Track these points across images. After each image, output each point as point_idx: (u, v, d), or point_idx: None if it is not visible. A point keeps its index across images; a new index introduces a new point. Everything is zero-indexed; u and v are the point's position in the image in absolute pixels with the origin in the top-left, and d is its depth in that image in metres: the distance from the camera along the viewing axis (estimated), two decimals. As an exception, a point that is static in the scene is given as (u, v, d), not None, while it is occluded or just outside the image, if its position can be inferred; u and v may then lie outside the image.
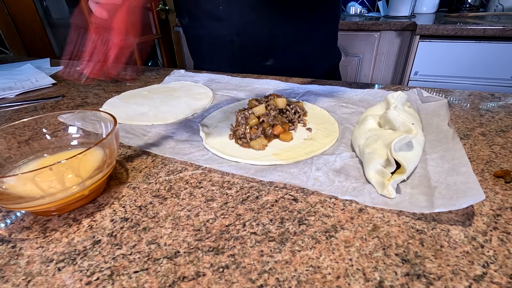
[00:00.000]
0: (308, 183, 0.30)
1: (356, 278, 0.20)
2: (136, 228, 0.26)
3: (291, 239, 0.24)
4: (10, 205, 0.25)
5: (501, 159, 0.33)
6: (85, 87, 0.67)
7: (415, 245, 0.23)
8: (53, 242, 0.25)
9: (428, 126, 0.39)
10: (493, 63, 1.23)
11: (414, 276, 0.20)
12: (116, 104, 0.54)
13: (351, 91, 0.54)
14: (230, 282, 0.21)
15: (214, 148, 0.37)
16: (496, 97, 0.50)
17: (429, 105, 0.45)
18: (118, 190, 0.31)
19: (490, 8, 1.52)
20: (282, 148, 0.37)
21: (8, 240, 0.25)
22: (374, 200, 0.27)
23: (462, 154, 0.31)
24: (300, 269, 0.21)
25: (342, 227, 0.25)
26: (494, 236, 0.23)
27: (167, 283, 0.21)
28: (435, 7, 1.61)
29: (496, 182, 0.29)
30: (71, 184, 0.25)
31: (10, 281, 0.21)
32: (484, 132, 0.39)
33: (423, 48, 1.31)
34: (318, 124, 0.42)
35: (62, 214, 0.28)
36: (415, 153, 0.31)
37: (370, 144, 0.32)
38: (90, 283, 0.21)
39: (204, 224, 0.26)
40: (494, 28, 1.15)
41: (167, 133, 0.42)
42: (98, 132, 0.33)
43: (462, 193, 0.25)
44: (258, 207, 0.27)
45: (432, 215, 0.25)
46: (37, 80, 0.73)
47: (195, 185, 0.31)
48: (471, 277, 0.20)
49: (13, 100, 0.61)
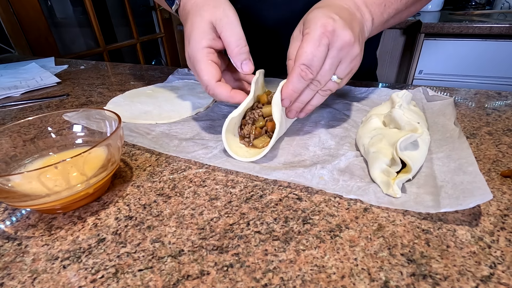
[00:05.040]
0: (312, 182, 0.29)
1: (361, 278, 0.20)
2: (140, 227, 0.26)
3: (296, 238, 0.24)
4: (16, 203, 0.25)
5: (508, 158, 0.32)
6: (89, 86, 0.67)
7: (421, 245, 0.22)
8: (58, 240, 0.25)
9: (434, 125, 0.39)
10: (500, 61, 1.22)
11: (420, 276, 0.20)
12: (120, 103, 0.54)
13: (355, 90, 0.53)
14: (235, 281, 0.20)
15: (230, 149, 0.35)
16: (503, 95, 0.49)
17: (434, 104, 0.44)
18: (123, 189, 0.31)
19: (496, 6, 1.51)
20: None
21: (14, 237, 0.26)
22: (379, 200, 0.27)
23: (468, 153, 0.30)
24: (304, 269, 0.21)
25: (347, 226, 0.25)
26: (501, 236, 0.23)
27: (171, 281, 0.21)
28: (440, 5, 1.59)
29: (503, 181, 0.29)
30: (76, 182, 0.25)
31: (16, 278, 0.22)
32: (491, 131, 0.38)
33: (428, 46, 1.29)
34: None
35: (67, 212, 0.28)
36: (421, 152, 0.30)
37: (375, 143, 0.32)
38: (95, 280, 0.21)
39: (208, 223, 0.26)
40: (501, 26, 1.13)
41: (171, 132, 0.42)
42: (103, 130, 0.33)
43: (469, 193, 0.25)
44: (262, 206, 0.27)
45: (438, 215, 0.25)
46: (42, 79, 0.74)
47: (199, 184, 0.31)
48: (478, 277, 0.20)
49: (18, 99, 0.62)
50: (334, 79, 0.34)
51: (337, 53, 0.32)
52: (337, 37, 0.31)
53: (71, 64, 0.91)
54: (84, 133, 0.35)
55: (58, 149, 0.34)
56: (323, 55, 0.31)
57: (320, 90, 0.35)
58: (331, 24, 0.30)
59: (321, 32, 0.30)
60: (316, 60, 0.31)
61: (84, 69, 0.84)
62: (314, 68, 0.31)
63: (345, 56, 0.32)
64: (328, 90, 0.35)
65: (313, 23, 0.31)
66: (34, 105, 0.58)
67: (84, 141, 0.35)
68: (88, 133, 0.35)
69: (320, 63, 0.31)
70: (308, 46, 0.31)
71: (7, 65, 0.92)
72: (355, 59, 0.33)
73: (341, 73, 0.34)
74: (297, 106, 0.36)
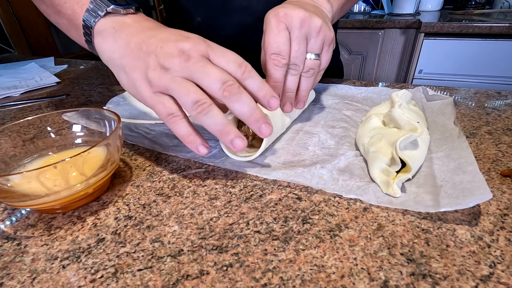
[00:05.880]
0: (312, 182, 0.29)
1: (361, 278, 0.20)
2: (140, 226, 0.26)
3: (295, 238, 0.24)
4: (15, 203, 0.25)
5: (508, 158, 0.32)
6: (89, 86, 0.67)
7: (420, 244, 0.22)
8: (58, 240, 0.25)
9: (434, 124, 0.39)
10: (499, 61, 1.22)
11: (420, 276, 0.20)
12: (120, 103, 0.54)
13: (355, 89, 0.53)
14: (234, 281, 0.20)
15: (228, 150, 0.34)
16: (502, 95, 0.49)
17: (434, 103, 0.44)
18: (122, 188, 0.31)
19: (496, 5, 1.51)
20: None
21: (13, 237, 0.26)
22: (379, 199, 0.27)
23: (468, 152, 0.30)
24: (304, 268, 0.21)
25: (347, 226, 0.25)
26: (501, 236, 0.23)
27: (171, 281, 0.21)
28: (440, 4, 1.59)
29: (503, 181, 0.29)
30: (75, 182, 0.25)
31: (16, 278, 0.22)
32: (491, 130, 0.38)
33: (428, 46, 1.30)
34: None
35: (66, 212, 0.28)
36: (421, 151, 0.30)
37: (374, 143, 0.32)
38: (94, 280, 0.21)
39: (208, 223, 0.26)
40: (500, 26, 1.13)
41: (171, 132, 0.42)
42: (102, 130, 0.33)
43: (468, 192, 0.25)
44: (262, 206, 0.27)
45: (438, 215, 0.25)
46: (41, 78, 0.74)
47: (199, 184, 0.31)
48: (477, 277, 0.20)
49: (18, 99, 0.62)
50: (311, 58, 0.34)
51: (299, 31, 0.32)
52: (291, 17, 0.32)
53: (70, 64, 0.91)
54: (84, 133, 0.35)
55: (58, 149, 0.34)
56: (285, 39, 0.32)
57: (303, 73, 0.35)
58: (281, 10, 0.33)
59: (275, 20, 0.32)
60: (281, 45, 0.32)
61: (83, 69, 0.84)
62: (284, 52, 0.32)
63: (309, 31, 0.33)
64: (311, 70, 0.35)
65: (267, 18, 0.34)
66: (33, 105, 0.58)
67: (84, 141, 0.35)
68: (87, 133, 0.35)
69: (286, 46, 0.32)
70: (269, 37, 0.33)
71: (6, 65, 0.92)
72: (321, 30, 0.33)
73: (314, 48, 0.34)
74: (288, 97, 0.36)
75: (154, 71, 0.27)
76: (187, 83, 0.26)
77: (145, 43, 0.28)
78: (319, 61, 0.35)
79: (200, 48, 0.27)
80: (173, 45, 0.27)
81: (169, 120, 0.28)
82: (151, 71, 0.27)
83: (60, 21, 0.34)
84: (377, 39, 1.45)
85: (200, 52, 0.27)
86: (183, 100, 0.26)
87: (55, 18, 0.34)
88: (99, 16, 0.30)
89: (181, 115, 0.28)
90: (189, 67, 0.26)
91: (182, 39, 0.27)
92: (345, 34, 1.50)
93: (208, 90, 0.27)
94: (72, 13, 0.31)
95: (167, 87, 0.27)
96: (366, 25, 1.42)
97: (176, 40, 0.27)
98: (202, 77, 0.26)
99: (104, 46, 0.30)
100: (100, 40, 0.30)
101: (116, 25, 0.30)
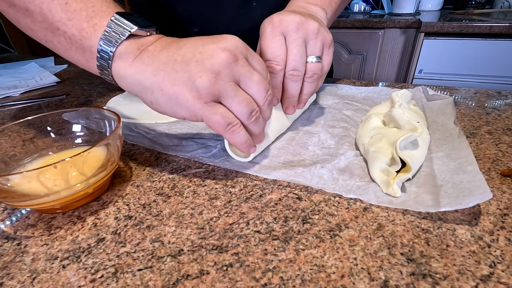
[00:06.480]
0: (312, 181, 0.29)
1: (361, 278, 0.20)
2: (140, 226, 0.26)
3: (295, 238, 0.24)
4: (15, 202, 0.25)
5: (508, 157, 0.32)
6: (89, 86, 0.67)
7: (420, 244, 0.22)
8: (58, 240, 0.25)
9: (434, 124, 0.39)
10: (499, 60, 1.22)
11: (420, 275, 0.20)
12: (120, 103, 0.54)
13: (355, 89, 0.53)
14: (234, 281, 0.20)
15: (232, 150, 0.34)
16: (502, 95, 0.49)
17: (434, 103, 0.44)
18: (122, 188, 0.31)
19: (496, 5, 1.50)
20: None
21: (13, 237, 0.26)
22: (379, 199, 0.27)
23: (468, 152, 0.30)
24: (304, 268, 0.21)
25: (347, 226, 0.25)
26: (501, 235, 0.23)
27: (171, 281, 0.21)
28: (440, 4, 1.59)
29: (503, 181, 0.29)
30: (75, 182, 0.25)
31: (16, 278, 0.22)
32: (491, 130, 0.38)
33: (428, 45, 1.29)
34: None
35: (66, 212, 0.28)
36: (421, 151, 0.30)
37: (374, 143, 0.32)
38: (94, 280, 0.21)
39: (208, 223, 0.26)
40: (501, 25, 1.13)
41: (171, 131, 0.42)
42: (102, 130, 0.33)
43: (468, 192, 0.25)
44: (262, 206, 0.27)
45: (438, 214, 0.25)
46: (41, 78, 0.74)
47: (199, 183, 0.31)
48: (477, 277, 0.20)
49: (18, 99, 0.62)
50: (313, 60, 0.34)
51: (296, 34, 0.32)
52: (286, 22, 0.32)
53: (70, 64, 0.90)
54: (84, 132, 0.35)
55: (58, 148, 0.34)
56: (281, 44, 0.32)
57: (306, 77, 0.34)
58: (276, 16, 0.32)
59: (270, 27, 0.32)
60: (276, 50, 0.32)
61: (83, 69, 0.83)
62: (279, 58, 0.32)
63: (306, 34, 0.32)
64: (315, 74, 0.34)
65: (262, 26, 0.33)
66: (33, 105, 0.58)
67: (84, 140, 0.35)
68: (87, 133, 0.35)
69: (281, 51, 0.32)
70: (264, 43, 0.32)
71: (6, 65, 0.92)
72: (319, 32, 0.33)
73: (314, 51, 0.34)
74: (290, 102, 0.36)
75: (201, 78, 0.24)
76: (241, 91, 0.26)
77: (178, 53, 0.25)
78: (321, 64, 0.35)
79: (242, 50, 0.26)
80: (214, 47, 0.25)
81: (228, 130, 0.26)
82: (198, 78, 0.24)
83: (55, 40, 0.28)
84: (377, 39, 1.45)
85: (244, 54, 0.26)
86: (237, 108, 0.26)
87: (45, 35, 0.28)
88: (122, 38, 0.26)
89: (239, 122, 0.27)
90: (239, 70, 0.25)
91: (219, 39, 0.25)
92: (345, 34, 1.49)
93: (254, 98, 0.27)
94: (78, 33, 0.26)
95: (221, 93, 0.25)
96: (366, 25, 1.42)
97: (214, 42, 0.25)
98: (250, 84, 0.26)
99: (128, 69, 0.27)
100: (121, 63, 0.27)
101: (140, 46, 0.27)
